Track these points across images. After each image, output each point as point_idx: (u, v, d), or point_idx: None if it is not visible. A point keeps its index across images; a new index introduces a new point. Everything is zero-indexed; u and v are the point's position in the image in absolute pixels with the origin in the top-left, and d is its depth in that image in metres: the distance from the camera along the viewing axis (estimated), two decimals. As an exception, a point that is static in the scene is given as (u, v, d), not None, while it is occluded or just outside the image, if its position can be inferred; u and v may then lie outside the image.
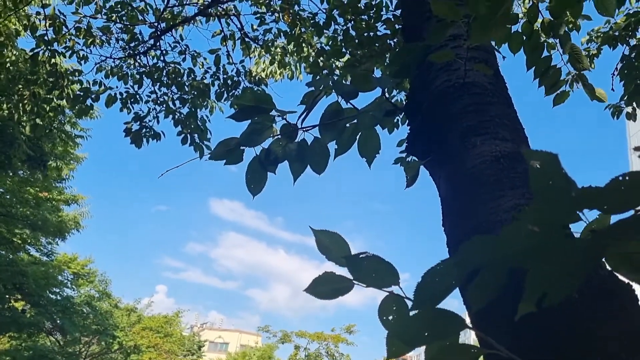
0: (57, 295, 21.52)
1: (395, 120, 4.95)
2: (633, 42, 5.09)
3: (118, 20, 6.41)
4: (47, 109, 6.16)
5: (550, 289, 0.88)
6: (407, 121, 1.97)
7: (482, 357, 1.15)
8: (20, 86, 6.03)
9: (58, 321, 21.06)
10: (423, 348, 1.16)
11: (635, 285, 1.11)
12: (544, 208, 0.83)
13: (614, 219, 0.98)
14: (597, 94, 2.88)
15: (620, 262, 1.04)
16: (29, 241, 19.57)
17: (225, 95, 6.71)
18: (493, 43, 2.53)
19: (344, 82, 5.37)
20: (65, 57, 6.33)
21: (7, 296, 18.67)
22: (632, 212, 0.88)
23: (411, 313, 1.16)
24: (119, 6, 6.36)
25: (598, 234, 0.86)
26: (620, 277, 1.18)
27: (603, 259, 1.16)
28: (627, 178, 0.85)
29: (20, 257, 19.21)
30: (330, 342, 35.28)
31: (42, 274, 19.60)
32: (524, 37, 2.67)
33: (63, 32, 6.10)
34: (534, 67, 2.68)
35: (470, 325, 1.09)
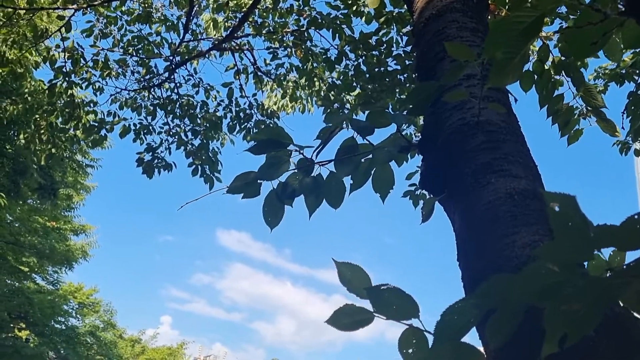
0: (62, 325, 21.41)
1: (405, 154, 5.00)
2: (640, 79, 5.16)
3: (134, 54, 6.58)
4: (63, 139, 6.27)
5: (571, 328, 0.90)
6: (419, 156, 2.02)
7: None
8: (37, 116, 6.16)
9: (62, 351, 20.88)
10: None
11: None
12: (563, 247, 0.86)
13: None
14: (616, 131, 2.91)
15: (634, 299, 1.06)
16: (35, 269, 19.58)
17: (238, 127, 6.82)
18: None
19: (355, 115, 5.46)
20: (82, 88, 6.47)
21: (11, 325, 18.60)
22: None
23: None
24: (135, 40, 6.53)
25: (616, 273, 0.89)
26: (635, 314, 1.20)
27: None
28: (642, 217, 0.89)
29: (26, 286, 19.20)
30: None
31: (48, 303, 19.55)
32: (535, 76, 2.74)
33: (81, 64, 6.26)
34: (546, 106, 2.73)
35: (489, 360, 1.10)
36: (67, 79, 6.19)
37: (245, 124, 6.77)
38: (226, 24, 6.78)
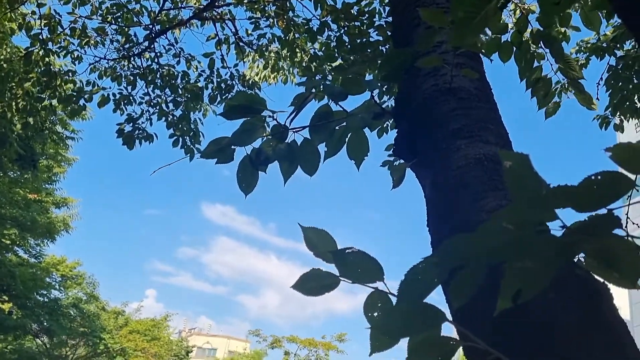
0: (45, 297, 21.39)
1: (385, 126, 5.01)
2: (620, 53, 5.18)
3: (113, 22, 6.44)
4: (39, 107, 6.16)
5: (524, 284, 0.92)
6: (395, 124, 2.02)
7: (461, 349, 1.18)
8: (13, 84, 6.04)
9: (45, 323, 20.90)
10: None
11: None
12: (519, 206, 0.87)
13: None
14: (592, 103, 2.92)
15: (595, 261, 1.08)
16: (17, 242, 19.44)
17: (219, 98, 6.75)
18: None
19: (335, 85, 5.42)
20: (59, 56, 6.34)
21: (-6, 298, 18.54)
22: (605, 210, 0.92)
23: (394, 308, 1.19)
24: (114, 8, 6.39)
25: (571, 230, 0.90)
26: (597, 277, 1.22)
27: (581, 260, 1.21)
28: (599, 177, 0.89)
29: (8, 258, 19.08)
30: (320, 349, 35.25)
31: (30, 275, 19.48)
32: (514, 47, 2.73)
33: (58, 32, 6.12)
34: (525, 78, 2.73)
35: (450, 319, 1.12)
36: (44, 46, 6.05)
37: (227, 94, 6.69)
38: (207, -9, 6.66)
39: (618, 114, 5.32)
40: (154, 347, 29.48)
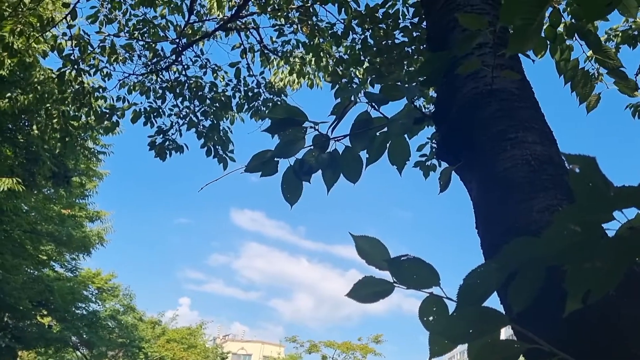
0: (83, 310, 21.85)
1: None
2: (653, 40, 5.08)
3: (140, 38, 6.57)
4: (76, 125, 6.31)
5: (593, 285, 0.92)
6: (428, 128, 2.03)
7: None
8: (48, 105, 6.20)
9: (84, 335, 21.33)
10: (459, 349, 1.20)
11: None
12: (584, 208, 0.88)
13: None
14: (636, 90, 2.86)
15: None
16: (53, 257, 19.88)
17: (246, 106, 6.82)
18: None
19: (364, 89, 5.43)
20: (90, 75, 6.50)
21: (33, 312, 18.96)
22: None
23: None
24: (141, 24, 6.52)
25: (636, 231, 0.91)
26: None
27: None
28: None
29: (45, 274, 19.53)
30: (358, 352, 35.20)
31: (68, 289, 19.91)
32: (548, 42, 2.71)
33: (88, 51, 6.26)
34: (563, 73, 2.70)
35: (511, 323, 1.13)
36: (75, 66, 6.21)
37: (254, 102, 6.76)
38: (230, 3, 6.74)
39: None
40: (191, 355, 29.83)
